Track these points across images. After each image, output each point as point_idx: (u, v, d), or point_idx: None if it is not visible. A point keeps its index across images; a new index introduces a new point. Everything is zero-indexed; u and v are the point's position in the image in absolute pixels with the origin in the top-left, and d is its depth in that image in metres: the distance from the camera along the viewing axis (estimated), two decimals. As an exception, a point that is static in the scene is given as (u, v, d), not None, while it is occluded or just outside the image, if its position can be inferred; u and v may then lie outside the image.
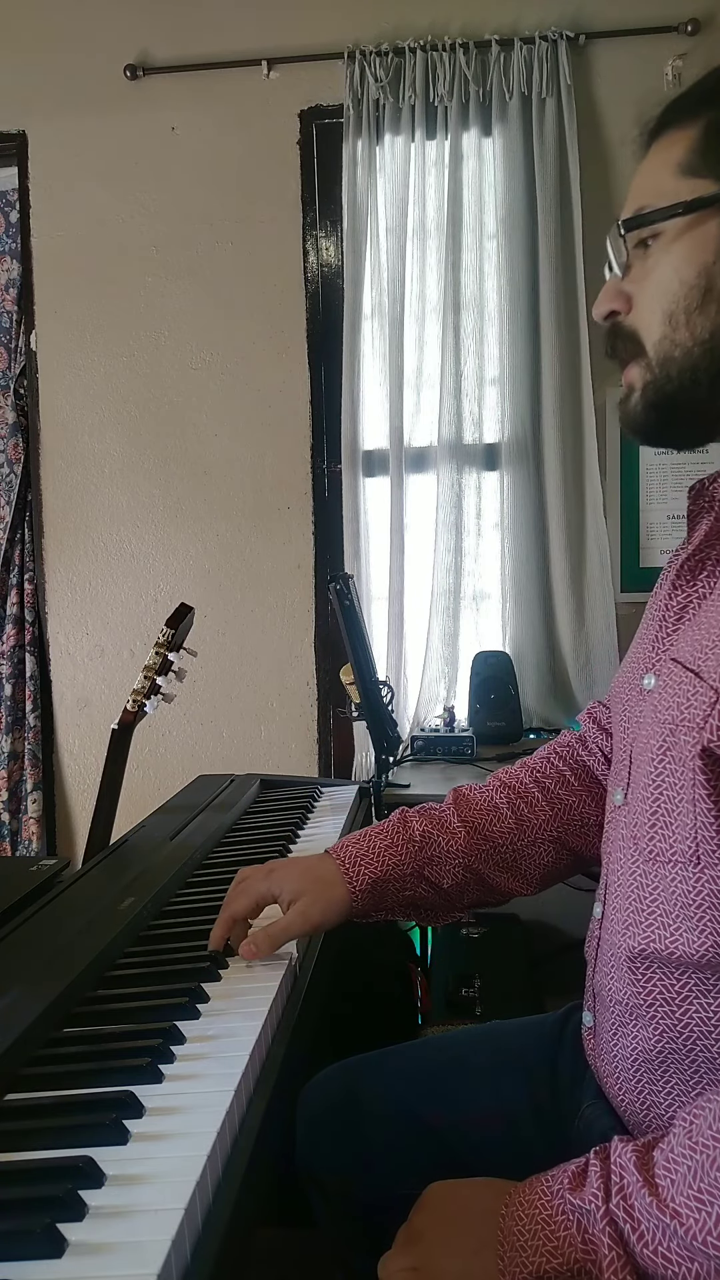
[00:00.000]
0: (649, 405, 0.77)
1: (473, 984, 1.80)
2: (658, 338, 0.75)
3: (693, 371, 0.73)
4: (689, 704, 0.70)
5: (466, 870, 0.98)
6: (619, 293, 0.78)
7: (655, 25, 2.30)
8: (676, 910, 0.72)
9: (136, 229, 2.54)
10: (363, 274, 2.40)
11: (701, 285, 0.72)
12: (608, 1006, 0.81)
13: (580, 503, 2.39)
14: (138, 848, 1.25)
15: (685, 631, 0.77)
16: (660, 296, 0.74)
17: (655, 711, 0.75)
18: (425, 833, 0.98)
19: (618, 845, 0.82)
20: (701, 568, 0.78)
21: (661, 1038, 0.74)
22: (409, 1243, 0.70)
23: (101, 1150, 0.61)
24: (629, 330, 0.78)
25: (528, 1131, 0.93)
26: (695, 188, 0.72)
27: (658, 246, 0.75)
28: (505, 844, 1.00)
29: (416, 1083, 0.99)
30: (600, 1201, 0.61)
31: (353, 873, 0.95)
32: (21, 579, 2.67)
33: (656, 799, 0.74)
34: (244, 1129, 0.66)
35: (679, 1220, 0.58)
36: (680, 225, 0.73)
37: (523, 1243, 0.63)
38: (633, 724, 0.82)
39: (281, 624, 2.58)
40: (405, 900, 0.98)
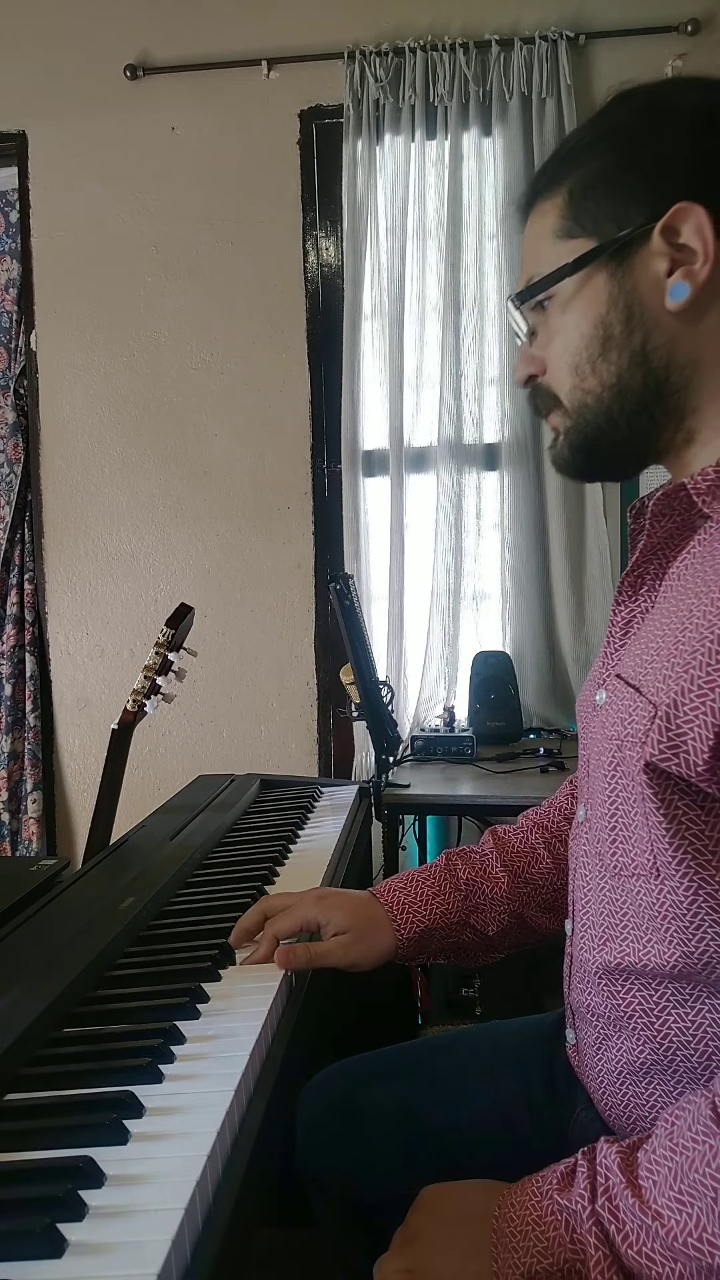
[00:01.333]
0: (574, 449, 0.81)
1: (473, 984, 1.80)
2: (568, 388, 0.79)
3: (607, 414, 0.77)
4: (631, 719, 0.71)
5: (511, 915, 1.00)
6: (532, 358, 0.83)
7: (655, 25, 2.30)
8: (645, 923, 0.73)
9: (136, 229, 2.54)
10: (363, 274, 2.41)
11: (600, 335, 0.76)
12: (588, 1021, 0.82)
13: (580, 503, 2.39)
14: (138, 848, 1.25)
15: (629, 647, 0.78)
16: (565, 353, 0.78)
17: (603, 728, 0.77)
18: (470, 880, 1.00)
19: (582, 861, 0.83)
20: (641, 583, 0.80)
21: (643, 1049, 0.75)
22: (404, 1244, 0.70)
23: (101, 1150, 0.61)
24: (546, 389, 0.82)
25: (526, 1132, 0.93)
26: (574, 249, 0.76)
27: (554, 308, 0.79)
28: (545, 885, 1.01)
29: (416, 1083, 0.99)
30: (586, 1202, 0.62)
31: (400, 920, 0.96)
32: (21, 579, 2.67)
33: (614, 815, 0.75)
34: (244, 1129, 0.66)
35: (660, 1221, 0.58)
36: (570, 285, 0.77)
37: (515, 1244, 0.64)
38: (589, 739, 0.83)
39: (281, 624, 2.58)
40: (449, 946, 1.00)
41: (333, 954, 0.92)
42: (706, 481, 0.71)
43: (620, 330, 0.75)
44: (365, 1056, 1.05)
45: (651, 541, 0.79)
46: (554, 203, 0.77)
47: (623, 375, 0.76)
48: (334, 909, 0.94)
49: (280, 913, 0.95)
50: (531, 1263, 0.62)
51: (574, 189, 0.76)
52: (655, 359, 0.74)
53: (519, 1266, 0.63)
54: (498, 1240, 0.65)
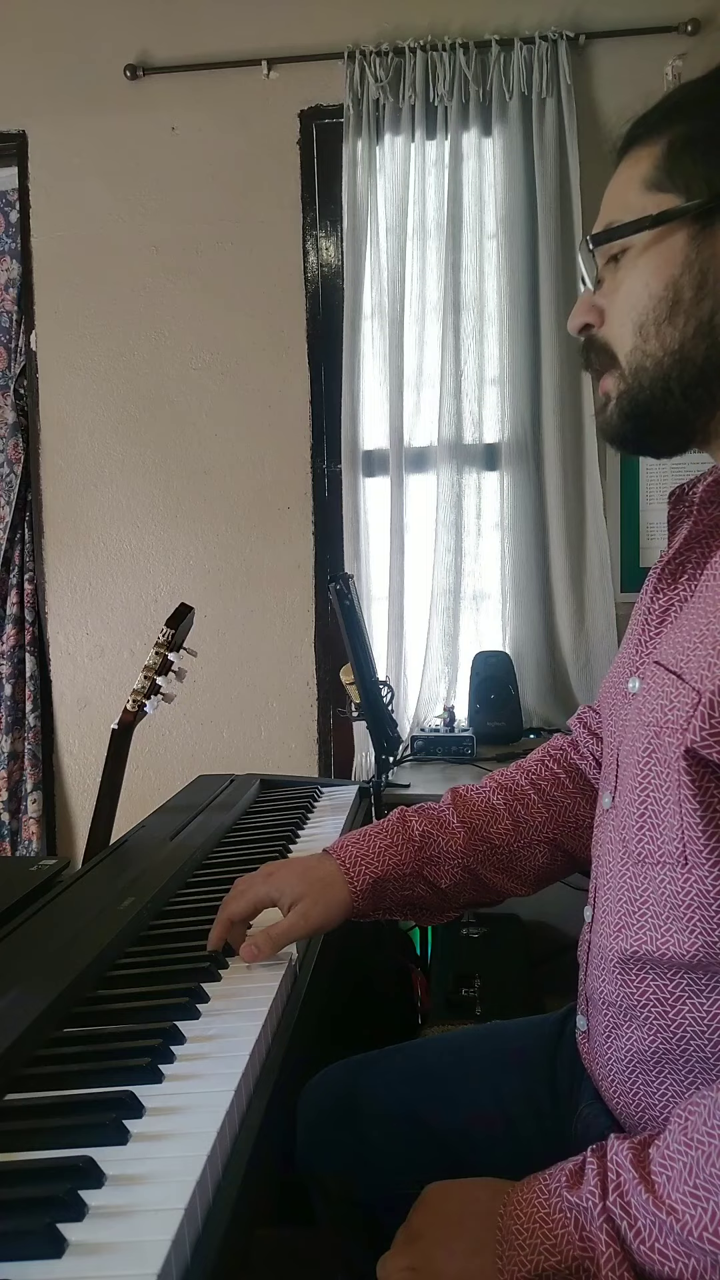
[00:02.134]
0: (624, 415, 0.79)
1: (473, 984, 1.80)
2: (629, 349, 0.76)
3: (664, 381, 0.75)
4: (672, 706, 0.70)
5: (465, 871, 0.99)
6: (591, 306, 0.80)
7: (655, 25, 2.30)
8: (666, 911, 0.72)
9: (136, 229, 2.54)
10: (363, 274, 2.40)
11: (669, 297, 0.74)
12: (600, 1009, 0.81)
13: (580, 503, 2.39)
14: (138, 848, 1.25)
15: (667, 635, 0.77)
16: (630, 309, 0.76)
17: (640, 714, 0.76)
18: (425, 833, 0.99)
19: (606, 849, 0.82)
20: (682, 571, 0.79)
21: (655, 1038, 0.74)
22: (407, 1243, 0.70)
23: (101, 1150, 0.61)
24: (602, 343, 0.79)
25: (527, 1131, 0.93)
26: (660, 202, 0.74)
27: (626, 260, 0.76)
28: (502, 845, 1.00)
29: (416, 1083, 0.99)
30: (597, 1199, 0.62)
31: (353, 873, 0.95)
32: (21, 579, 2.67)
33: (644, 801, 0.74)
34: (244, 1129, 0.66)
35: (675, 1216, 0.58)
36: (647, 239, 0.74)
37: (521, 1241, 0.63)
38: (619, 727, 0.83)
39: (281, 624, 2.58)
40: (404, 900, 0.99)
41: (295, 928, 0.91)
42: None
43: (691, 296, 0.73)
44: (365, 1056, 1.05)
45: (697, 530, 0.77)
46: (650, 151, 0.75)
47: (686, 343, 0.73)
48: (284, 881, 0.94)
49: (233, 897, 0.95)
50: (539, 1260, 0.62)
51: (674, 141, 0.74)
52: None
53: (526, 1264, 0.62)
54: (503, 1238, 0.64)
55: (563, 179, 2.31)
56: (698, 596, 0.75)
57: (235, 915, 0.93)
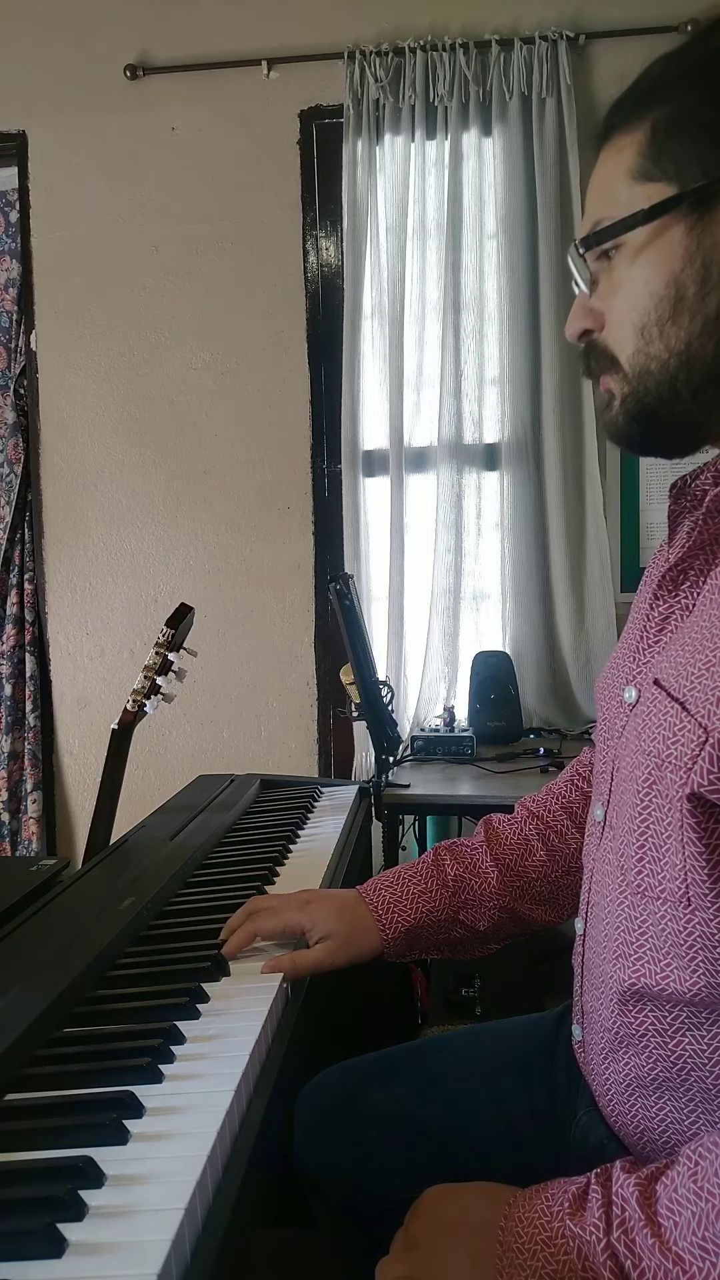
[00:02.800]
0: (630, 418, 0.74)
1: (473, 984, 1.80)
2: (631, 352, 0.71)
3: (671, 384, 0.70)
4: (675, 739, 0.66)
5: (502, 910, 0.99)
6: (589, 310, 0.75)
7: (655, 25, 2.30)
8: (667, 948, 0.70)
9: (136, 229, 2.54)
10: (363, 274, 2.40)
11: (672, 295, 0.68)
12: (596, 1030, 0.80)
13: (580, 503, 2.39)
14: (138, 848, 1.25)
15: (667, 647, 0.74)
16: (631, 311, 0.71)
17: (639, 739, 0.72)
18: (459, 876, 0.98)
19: (601, 867, 0.80)
20: (684, 578, 0.75)
21: (654, 1066, 0.73)
22: (405, 1250, 0.68)
23: (101, 1150, 0.61)
24: (602, 347, 0.75)
25: (526, 1133, 0.93)
26: (651, 193, 0.68)
27: (622, 259, 0.71)
28: (540, 879, 1.00)
29: (416, 1084, 0.99)
30: (601, 1233, 0.60)
31: (386, 920, 0.95)
32: (21, 579, 2.67)
33: (643, 833, 0.71)
34: (244, 1129, 0.66)
35: (682, 1267, 0.57)
36: (642, 235, 0.69)
37: (522, 1260, 0.62)
38: (614, 737, 0.79)
39: (281, 624, 2.58)
40: (439, 942, 0.99)
41: (321, 963, 0.91)
42: None
43: (695, 291, 0.67)
44: (365, 1057, 1.05)
45: (703, 537, 0.72)
46: (633, 138, 0.69)
47: (693, 342, 0.68)
48: (319, 913, 0.93)
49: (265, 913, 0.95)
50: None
51: (657, 125, 0.68)
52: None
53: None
54: (503, 1254, 0.63)
55: (563, 179, 2.31)
56: (699, 609, 0.71)
57: (264, 933, 0.93)
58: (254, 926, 0.93)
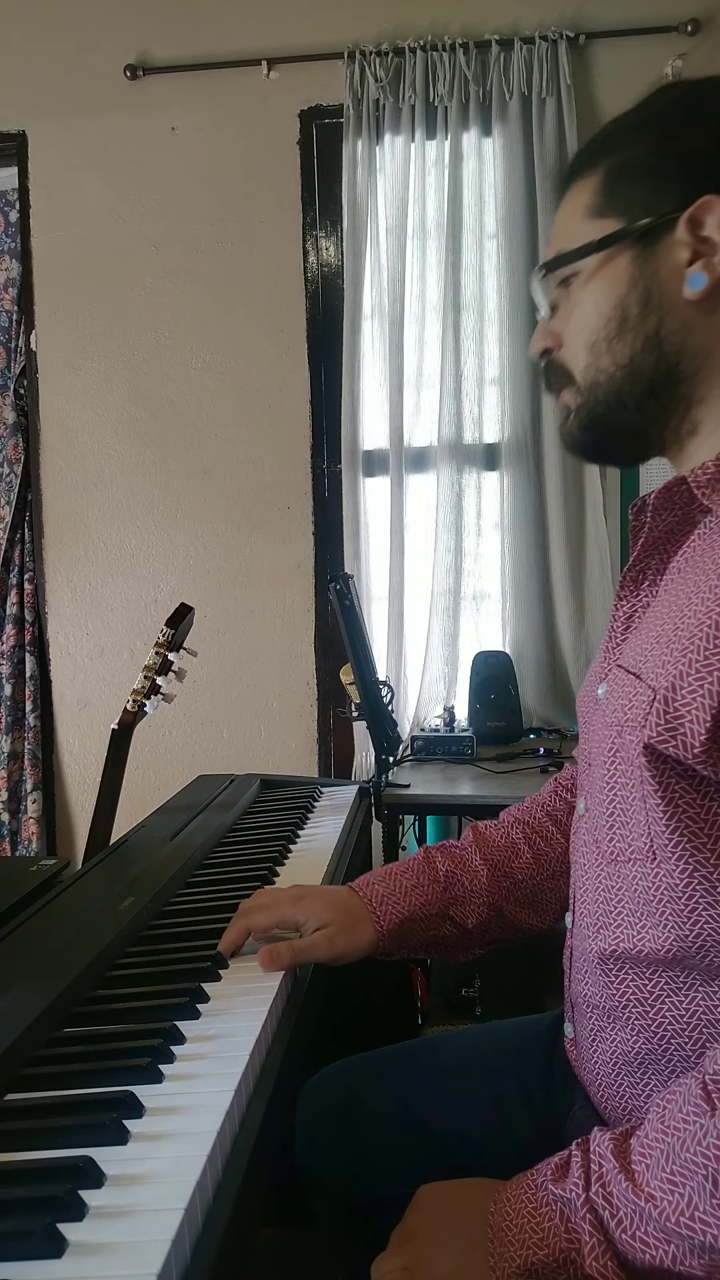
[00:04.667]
0: (582, 427, 0.83)
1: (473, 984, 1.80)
2: (583, 366, 0.80)
3: (618, 394, 0.79)
4: (631, 705, 0.72)
5: (490, 909, 1.00)
6: (549, 332, 0.84)
7: (655, 25, 2.30)
8: (640, 908, 0.74)
9: (136, 229, 2.54)
10: (363, 274, 2.41)
11: (618, 316, 0.77)
12: (585, 1013, 0.82)
13: (580, 503, 2.39)
14: (138, 848, 1.25)
15: (631, 640, 0.80)
16: (583, 329, 0.80)
17: (604, 716, 0.78)
18: (450, 872, 1.00)
19: (581, 853, 0.84)
20: (643, 578, 0.83)
21: (638, 1039, 0.76)
22: (401, 1242, 0.71)
23: (101, 1150, 0.61)
24: (559, 364, 0.83)
25: (525, 1131, 0.94)
26: (603, 227, 0.78)
27: (577, 285, 0.81)
28: (526, 880, 1.01)
29: (416, 1083, 0.99)
30: (581, 1190, 0.63)
31: (379, 912, 0.95)
32: (21, 579, 2.67)
33: (612, 800, 0.76)
34: (244, 1129, 0.66)
35: (654, 1204, 0.59)
36: (594, 263, 0.79)
37: (510, 1237, 0.65)
38: (589, 733, 0.84)
39: (281, 624, 2.58)
40: (429, 939, 1.00)
41: (316, 948, 0.91)
42: (706, 475, 0.73)
43: (637, 312, 0.77)
44: (365, 1056, 1.05)
45: (653, 536, 0.80)
46: (590, 181, 0.80)
47: (635, 357, 0.77)
48: (313, 906, 0.94)
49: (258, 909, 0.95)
50: (528, 1254, 0.63)
51: (610, 170, 0.78)
52: (668, 344, 0.76)
53: (515, 1259, 0.63)
54: (494, 1235, 0.65)
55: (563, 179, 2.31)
56: (658, 601, 0.78)
57: (257, 928, 0.94)
58: (246, 922, 0.94)
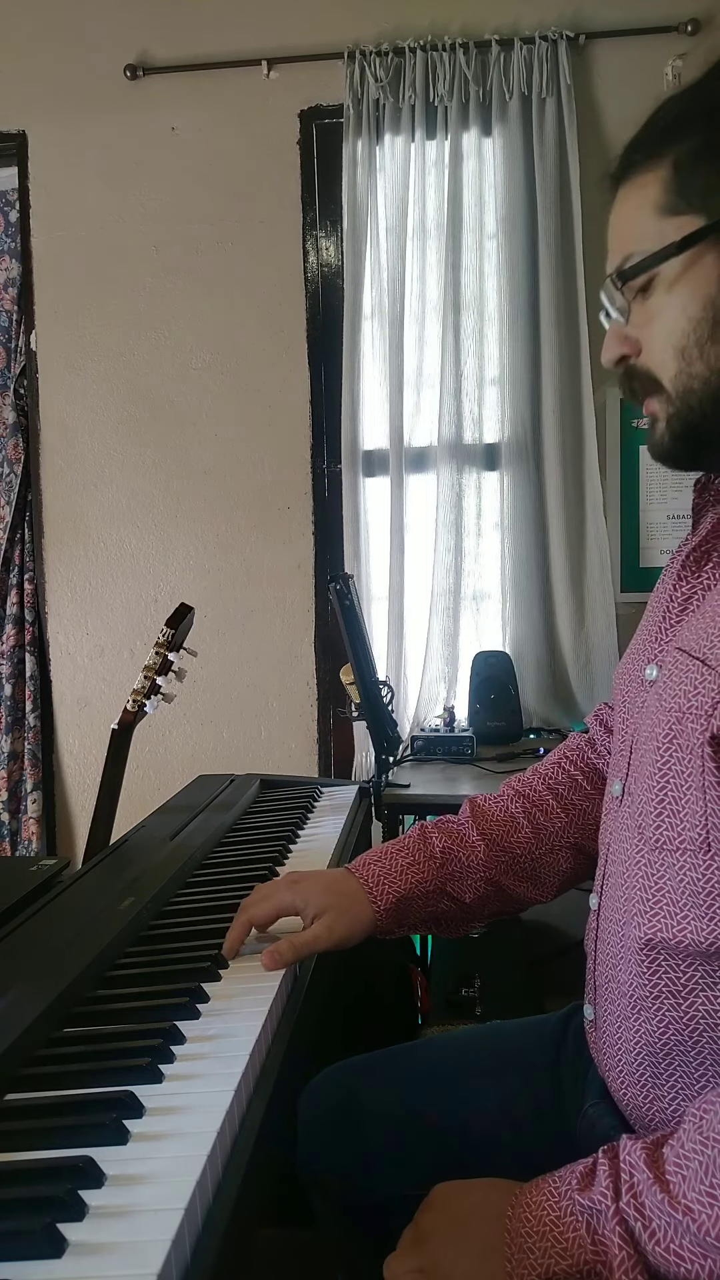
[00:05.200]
0: (675, 436, 0.78)
1: (473, 984, 1.80)
2: (674, 373, 0.76)
3: (714, 400, 0.74)
4: (696, 691, 0.70)
5: (488, 884, 0.99)
6: (625, 338, 0.79)
7: (655, 25, 2.30)
8: (685, 899, 0.72)
9: (136, 229, 2.54)
10: (363, 274, 2.41)
11: (709, 317, 0.73)
12: (611, 999, 0.81)
13: (580, 503, 2.39)
14: (138, 848, 1.25)
15: (690, 622, 0.77)
16: (670, 335, 0.75)
17: (659, 700, 0.76)
18: (446, 848, 0.99)
19: (618, 837, 0.82)
20: (707, 559, 0.79)
21: (666, 1030, 0.74)
22: (415, 1244, 0.69)
23: (101, 1150, 0.61)
24: (643, 371, 0.79)
25: (529, 1132, 0.93)
26: (681, 225, 0.73)
27: (657, 289, 0.75)
28: (524, 854, 1.00)
29: (417, 1083, 0.99)
30: (610, 1200, 0.61)
31: (376, 891, 0.95)
32: (21, 579, 2.67)
33: (663, 788, 0.74)
34: (244, 1129, 0.66)
35: (691, 1216, 0.57)
36: (676, 265, 0.73)
37: (530, 1244, 0.63)
38: (634, 715, 0.82)
39: (281, 624, 2.58)
40: (427, 916, 0.99)
41: (318, 939, 0.91)
42: None
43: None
44: (366, 1056, 1.05)
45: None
46: (656, 175, 0.74)
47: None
48: (309, 891, 0.94)
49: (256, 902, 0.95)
50: (549, 1264, 0.61)
51: (680, 161, 0.72)
52: None
53: (535, 1268, 0.62)
54: (511, 1240, 0.64)
55: (563, 179, 2.31)
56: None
57: (257, 919, 0.93)
58: (246, 916, 0.93)
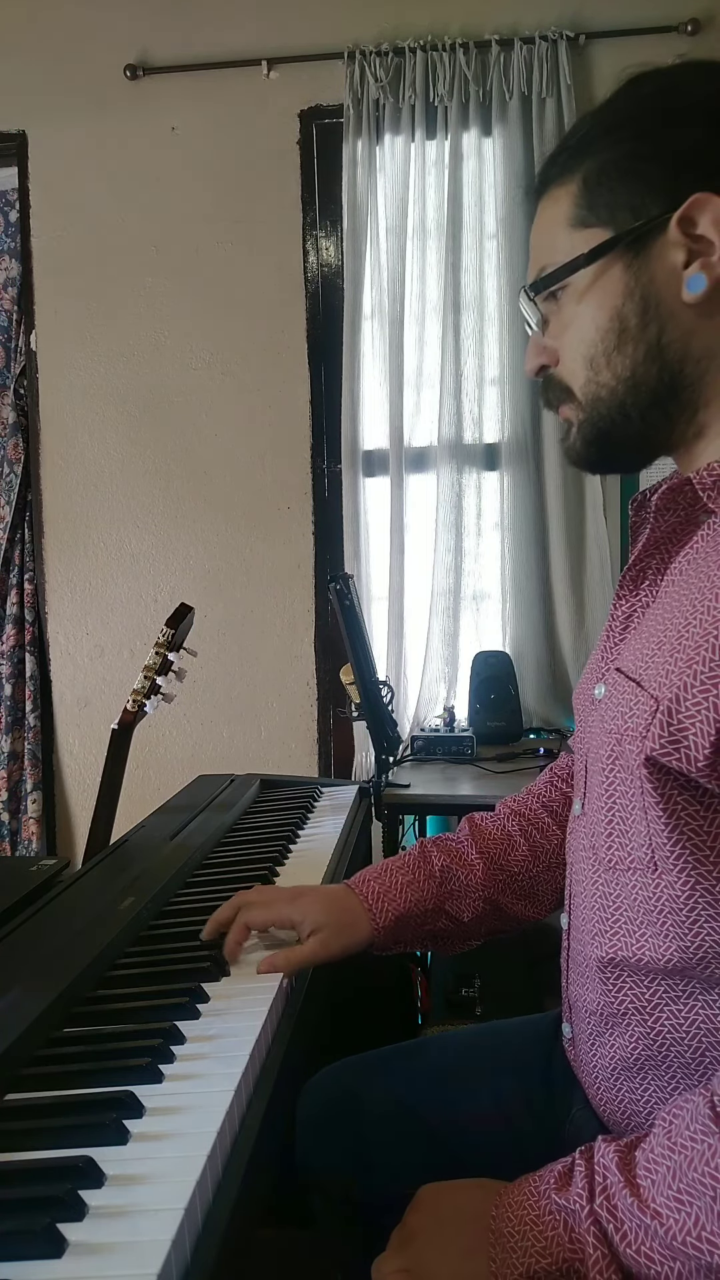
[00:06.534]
0: (586, 442, 0.80)
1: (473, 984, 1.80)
2: (583, 382, 0.78)
3: (620, 408, 0.76)
4: (631, 713, 0.71)
5: (485, 902, 1.00)
6: (543, 349, 0.81)
7: (655, 25, 2.30)
8: (640, 917, 0.73)
9: (136, 229, 2.54)
10: (363, 274, 2.41)
11: (616, 327, 0.74)
12: (583, 1016, 0.82)
13: (580, 503, 2.39)
14: (138, 848, 1.25)
15: (629, 641, 0.79)
16: (580, 345, 0.77)
17: (602, 721, 0.77)
18: (445, 867, 0.99)
19: (579, 855, 0.83)
20: (643, 577, 0.81)
21: (637, 1045, 0.75)
22: (402, 1244, 0.70)
23: (101, 1150, 0.61)
24: (558, 381, 0.81)
25: (526, 1131, 0.93)
26: (589, 238, 0.74)
27: (568, 299, 0.77)
28: (522, 873, 1.01)
29: (416, 1083, 0.99)
30: (585, 1201, 0.62)
31: (376, 909, 0.95)
32: (21, 579, 2.67)
33: (611, 809, 0.75)
34: (244, 1129, 0.66)
35: (659, 1220, 0.58)
36: (585, 276, 0.75)
37: (513, 1244, 0.64)
38: (586, 734, 0.83)
39: (281, 624, 2.58)
40: (425, 934, 1.00)
41: (315, 955, 0.91)
42: (712, 477, 0.72)
43: (636, 322, 0.74)
44: (365, 1056, 1.05)
45: (655, 536, 0.79)
46: (567, 190, 0.76)
47: (637, 369, 0.74)
48: (309, 906, 0.94)
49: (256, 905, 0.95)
50: (530, 1262, 0.63)
51: (588, 176, 0.74)
52: (671, 352, 0.73)
53: (517, 1266, 0.63)
54: (495, 1240, 0.65)
55: (563, 179, 2.31)
56: (658, 602, 0.76)
57: (254, 924, 0.94)
58: (245, 918, 0.94)
